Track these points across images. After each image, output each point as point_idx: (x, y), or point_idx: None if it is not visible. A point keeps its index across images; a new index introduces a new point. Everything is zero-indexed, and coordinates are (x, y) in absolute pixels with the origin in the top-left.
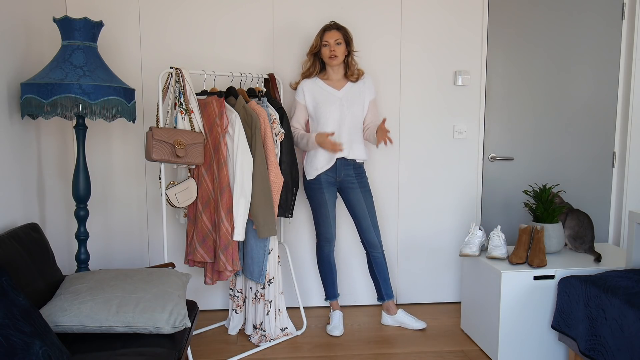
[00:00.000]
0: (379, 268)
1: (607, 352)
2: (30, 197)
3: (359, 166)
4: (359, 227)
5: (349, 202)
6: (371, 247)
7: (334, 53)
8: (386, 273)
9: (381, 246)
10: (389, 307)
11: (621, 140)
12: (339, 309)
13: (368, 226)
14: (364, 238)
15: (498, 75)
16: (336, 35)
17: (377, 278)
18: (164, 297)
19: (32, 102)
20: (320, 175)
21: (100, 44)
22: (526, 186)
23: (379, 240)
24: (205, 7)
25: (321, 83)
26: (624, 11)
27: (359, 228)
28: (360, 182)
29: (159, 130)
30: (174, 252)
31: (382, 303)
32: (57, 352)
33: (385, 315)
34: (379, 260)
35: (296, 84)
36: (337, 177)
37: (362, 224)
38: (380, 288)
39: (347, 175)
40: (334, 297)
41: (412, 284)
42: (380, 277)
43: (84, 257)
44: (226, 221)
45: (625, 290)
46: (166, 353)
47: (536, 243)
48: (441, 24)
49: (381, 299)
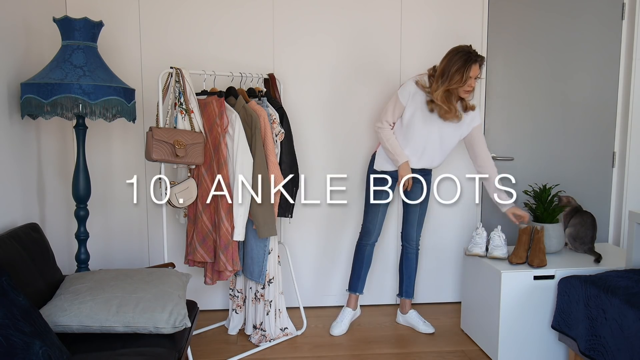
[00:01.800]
0: (408, 263)
1: (607, 352)
2: (30, 197)
3: (430, 170)
4: (406, 218)
5: (407, 195)
6: (408, 241)
7: (472, 89)
8: (413, 271)
9: (417, 245)
10: (404, 305)
11: (621, 140)
12: (353, 307)
13: (414, 220)
14: (405, 231)
15: (498, 76)
16: (478, 71)
17: (403, 273)
18: (164, 297)
19: (32, 102)
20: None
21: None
22: (526, 186)
23: (417, 238)
24: (205, 7)
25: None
26: (624, 11)
27: (405, 219)
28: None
29: (159, 130)
30: (174, 252)
31: (400, 299)
32: (57, 352)
33: (399, 313)
34: (411, 257)
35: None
36: None
37: (410, 216)
38: (402, 284)
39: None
40: (354, 290)
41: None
42: (406, 273)
43: (84, 257)
44: (226, 221)
45: (625, 290)
46: (166, 353)
47: (536, 243)
48: (441, 24)
49: (400, 295)
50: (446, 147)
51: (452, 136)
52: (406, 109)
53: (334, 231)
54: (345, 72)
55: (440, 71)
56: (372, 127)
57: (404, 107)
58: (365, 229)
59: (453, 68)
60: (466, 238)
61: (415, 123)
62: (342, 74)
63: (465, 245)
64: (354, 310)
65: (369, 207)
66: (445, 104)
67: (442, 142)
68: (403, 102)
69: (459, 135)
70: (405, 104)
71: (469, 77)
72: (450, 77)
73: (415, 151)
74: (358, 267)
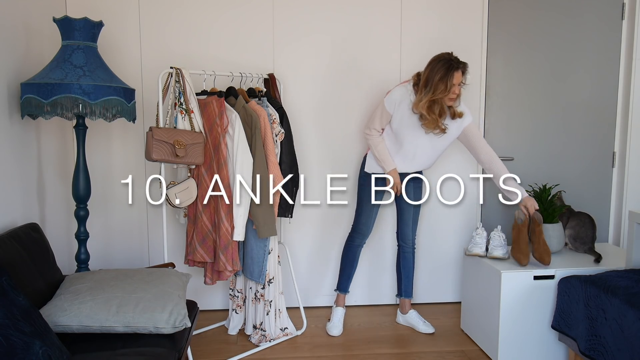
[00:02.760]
0: (405, 263)
1: (607, 352)
2: (30, 197)
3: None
4: (400, 218)
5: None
6: (404, 241)
7: (455, 95)
8: (411, 271)
9: (414, 243)
10: (404, 305)
11: (621, 140)
12: (343, 306)
13: (409, 219)
14: (401, 230)
15: (498, 75)
16: (461, 78)
17: (401, 273)
18: (164, 297)
19: (32, 102)
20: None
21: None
22: (526, 186)
23: (413, 237)
24: (205, 7)
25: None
26: (624, 11)
27: (400, 219)
28: (417, 181)
29: (159, 130)
30: (174, 252)
31: (399, 299)
32: (57, 352)
33: (399, 313)
34: (408, 256)
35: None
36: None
37: (404, 215)
38: (401, 284)
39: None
40: (344, 291)
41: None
42: (404, 274)
43: (84, 257)
44: (226, 221)
45: (625, 290)
46: (166, 353)
47: (538, 236)
48: (441, 24)
49: (399, 295)
50: (437, 150)
51: (442, 140)
52: (393, 117)
53: (334, 231)
54: (346, 72)
55: (424, 81)
56: None
57: (391, 115)
58: (358, 230)
59: (436, 77)
60: (466, 238)
61: (404, 129)
62: (342, 74)
63: (465, 245)
64: (344, 309)
65: (364, 208)
66: (429, 114)
67: (433, 147)
68: (389, 111)
69: (449, 138)
70: (391, 112)
71: (452, 84)
72: (434, 86)
73: (406, 157)
74: (349, 268)
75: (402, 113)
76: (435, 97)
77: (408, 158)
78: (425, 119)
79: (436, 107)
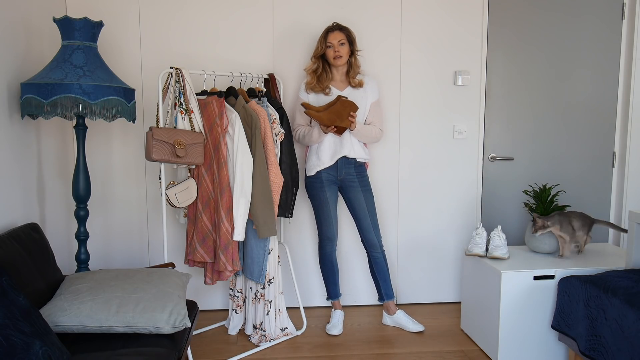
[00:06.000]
0: (378, 268)
1: (607, 352)
2: (30, 197)
3: (360, 165)
4: (359, 226)
5: (350, 201)
6: (371, 247)
7: (339, 53)
8: (386, 273)
9: (381, 246)
10: (388, 307)
11: (621, 140)
12: (341, 308)
13: (368, 225)
14: (364, 238)
15: (498, 75)
16: (339, 36)
17: (377, 278)
18: (164, 297)
19: (32, 102)
20: (322, 172)
21: (100, 44)
22: (526, 186)
23: (379, 240)
24: (205, 7)
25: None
26: (624, 11)
27: (359, 227)
28: (361, 181)
29: (159, 130)
30: (174, 252)
31: (382, 303)
32: (57, 352)
33: (385, 315)
34: (379, 261)
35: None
36: (338, 176)
37: (362, 223)
38: (380, 288)
39: (348, 174)
40: (336, 297)
41: (412, 284)
42: (380, 278)
43: (84, 257)
44: (226, 221)
45: (625, 290)
46: (166, 353)
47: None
48: (441, 24)
49: (381, 299)
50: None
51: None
52: (310, 100)
53: None
54: None
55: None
56: None
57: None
58: (325, 236)
59: (318, 40)
60: (466, 238)
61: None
62: None
63: (465, 245)
64: (342, 310)
65: (321, 215)
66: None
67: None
68: (303, 97)
69: (363, 103)
70: (305, 97)
71: (329, 42)
72: (316, 47)
73: (333, 144)
74: (331, 276)
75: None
76: (317, 54)
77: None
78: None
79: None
